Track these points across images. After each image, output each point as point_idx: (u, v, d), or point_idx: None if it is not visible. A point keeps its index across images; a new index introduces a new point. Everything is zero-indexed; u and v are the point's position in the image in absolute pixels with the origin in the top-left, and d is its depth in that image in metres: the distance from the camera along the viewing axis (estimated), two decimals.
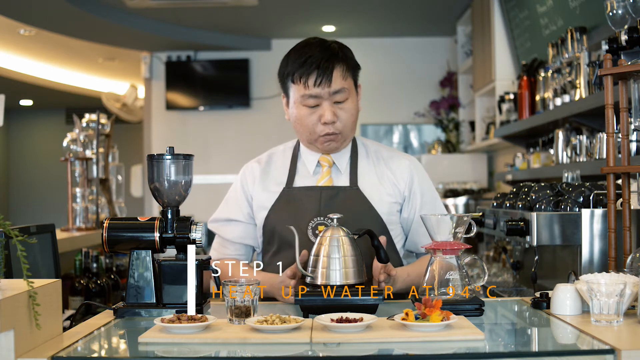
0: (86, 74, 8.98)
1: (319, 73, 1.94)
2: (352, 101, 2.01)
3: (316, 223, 1.99)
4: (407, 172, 2.10)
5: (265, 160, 2.16)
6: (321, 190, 2.03)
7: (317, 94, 1.96)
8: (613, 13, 2.42)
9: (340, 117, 1.99)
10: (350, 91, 2.00)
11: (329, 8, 6.06)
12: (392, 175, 2.09)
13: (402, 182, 2.09)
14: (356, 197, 2.02)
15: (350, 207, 1.99)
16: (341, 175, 2.08)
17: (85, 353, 1.38)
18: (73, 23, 6.13)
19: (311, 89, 1.95)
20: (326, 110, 1.96)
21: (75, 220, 3.62)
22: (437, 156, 6.18)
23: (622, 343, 1.33)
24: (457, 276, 1.65)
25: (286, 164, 2.12)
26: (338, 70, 1.96)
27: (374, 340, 1.39)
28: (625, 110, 1.86)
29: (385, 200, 2.05)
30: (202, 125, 7.29)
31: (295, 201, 2.03)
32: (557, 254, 2.38)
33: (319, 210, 2.00)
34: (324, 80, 1.94)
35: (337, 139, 2.02)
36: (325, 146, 2.04)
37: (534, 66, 4.02)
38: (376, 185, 2.06)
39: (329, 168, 2.08)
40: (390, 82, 7.16)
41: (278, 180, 2.09)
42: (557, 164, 3.42)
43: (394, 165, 2.11)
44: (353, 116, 2.02)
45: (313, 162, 2.09)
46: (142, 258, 1.71)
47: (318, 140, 2.02)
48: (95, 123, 3.66)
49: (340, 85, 1.96)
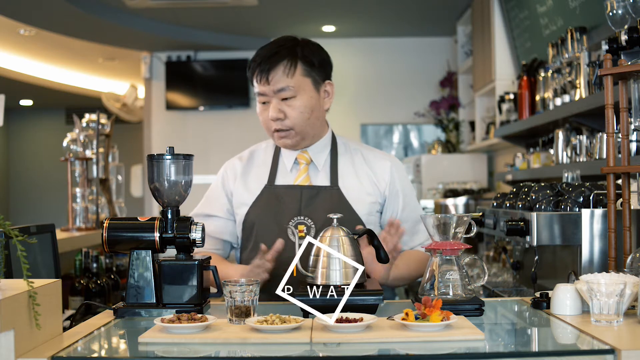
0: (86, 74, 8.99)
1: (259, 71, 2.01)
2: (303, 99, 2.03)
3: (296, 222, 2.02)
4: (389, 172, 2.12)
5: (247, 157, 2.19)
6: (302, 190, 2.06)
7: (263, 92, 2.03)
8: (613, 13, 2.42)
9: (288, 114, 2.02)
10: (300, 88, 2.02)
11: (329, 8, 6.06)
12: (373, 174, 2.11)
13: (383, 182, 2.11)
14: (336, 198, 2.05)
15: (329, 207, 2.01)
16: (319, 173, 2.10)
17: (85, 353, 1.38)
18: (73, 23, 6.13)
19: (258, 87, 2.04)
20: (270, 108, 2.02)
21: (75, 220, 3.62)
22: (437, 156, 6.18)
23: (622, 343, 1.33)
24: (457, 276, 1.65)
25: (267, 161, 2.15)
26: (279, 68, 2.00)
27: (374, 340, 1.39)
28: (625, 110, 1.86)
29: (365, 200, 2.07)
30: (202, 125, 7.29)
31: (276, 199, 2.06)
32: (557, 254, 2.38)
33: (299, 209, 2.03)
34: (263, 79, 2.00)
35: (289, 135, 2.05)
36: (280, 142, 2.08)
37: (534, 66, 4.02)
38: (356, 184, 2.09)
39: (307, 165, 2.11)
40: (390, 82, 7.16)
41: (259, 177, 2.13)
42: (557, 164, 3.42)
43: (375, 164, 2.13)
44: (304, 113, 2.03)
45: (291, 160, 2.12)
46: (142, 258, 1.71)
47: (274, 136, 2.08)
48: (95, 123, 3.66)
49: (283, 84, 2.00)
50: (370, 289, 1.65)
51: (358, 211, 2.04)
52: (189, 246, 1.72)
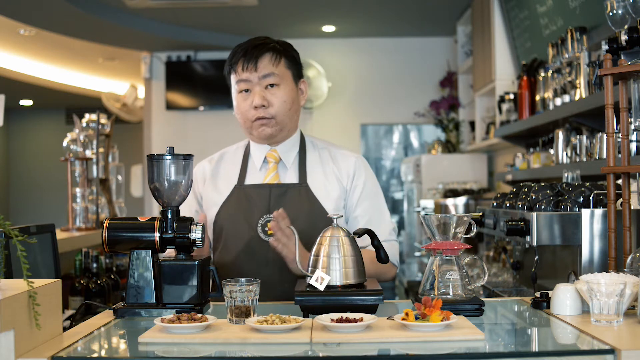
0: (86, 74, 8.98)
1: (245, 59, 2.04)
2: (286, 89, 2.07)
3: (265, 220, 2.04)
4: (352, 168, 2.14)
5: (217, 159, 2.23)
6: (271, 188, 2.08)
7: (247, 78, 2.05)
8: (613, 13, 2.42)
9: (271, 102, 2.05)
10: (284, 78, 2.07)
11: (329, 8, 6.06)
12: (338, 171, 2.14)
13: (345, 177, 2.13)
14: (304, 195, 2.07)
15: (298, 205, 2.04)
16: (288, 171, 2.12)
17: (85, 353, 1.38)
18: (73, 23, 6.13)
19: (241, 74, 2.06)
20: (255, 94, 2.05)
21: (75, 220, 3.62)
22: (437, 156, 6.17)
23: (622, 343, 1.33)
24: (457, 276, 1.65)
25: (237, 162, 2.18)
26: (267, 56, 2.05)
27: (374, 340, 1.39)
28: (625, 110, 1.86)
29: (331, 196, 2.09)
30: (202, 125, 7.29)
31: (246, 199, 2.08)
32: (557, 254, 2.38)
33: (269, 207, 2.05)
34: (250, 65, 2.04)
35: (269, 124, 2.07)
36: (260, 132, 2.09)
37: (534, 66, 4.02)
38: (323, 181, 2.11)
39: (275, 164, 2.13)
40: (390, 82, 7.16)
41: (228, 178, 2.15)
42: (557, 164, 3.42)
43: (341, 161, 2.16)
44: (287, 103, 2.07)
45: (260, 158, 2.14)
46: (142, 258, 1.71)
47: (253, 126, 2.08)
48: (95, 123, 3.66)
49: (268, 70, 2.04)
50: (370, 289, 1.65)
51: (326, 207, 2.06)
52: (189, 246, 1.72)
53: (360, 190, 2.13)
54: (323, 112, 7.13)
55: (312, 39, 6.94)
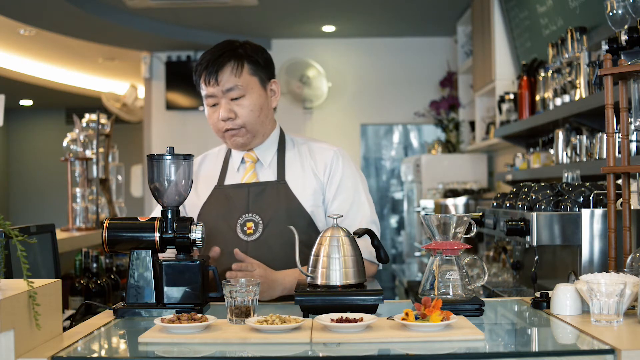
0: (86, 74, 8.98)
1: (207, 73, 2.03)
2: (252, 98, 2.05)
3: (244, 220, 2.04)
4: (329, 160, 2.12)
5: (199, 162, 2.24)
6: (249, 187, 2.08)
7: (212, 93, 2.05)
8: (613, 13, 2.42)
9: (238, 113, 2.04)
10: (248, 87, 2.05)
11: (329, 8, 6.06)
12: (315, 165, 2.12)
13: (322, 170, 2.11)
14: (282, 192, 2.06)
15: (276, 202, 2.04)
16: (266, 169, 2.12)
17: (85, 353, 1.38)
18: (73, 23, 6.13)
19: (205, 89, 2.05)
20: (220, 108, 2.04)
21: (75, 220, 3.62)
22: (437, 156, 6.17)
23: (622, 343, 1.33)
24: (457, 276, 1.65)
25: (219, 163, 2.19)
26: (227, 69, 2.03)
27: (374, 340, 1.39)
28: (625, 110, 1.86)
29: (308, 191, 2.08)
30: (202, 125, 7.27)
31: (225, 199, 2.09)
32: (557, 254, 2.38)
33: (247, 207, 2.05)
34: (211, 80, 2.02)
35: (239, 134, 2.07)
36: (233, 142, 2.09)
37: (534, 66, 4.01)
38: (300, 177, 2.10)
39: (253, 164, 2.13)
40: (390, 82, 7.16)
41: (208, 180, 2.16)
42: (557, 164, 3.42)
43: (318, 155, 2.14)
44: (254, 112, 2.06)
45: (238, 159, 2.15)
46: (142, 258, 1.71)
47: (225, 136, 2.09)
48: (95, 123, 3.66)
49: (232, 83, 2.03)
50: (370, 289, 1.65)
51: (304, 203, 2.05)
52: (189, 246, 1.72)
53: (337, 183, 2.10)
54: (323, 112, 7.13)
55: (312, 39, 6.93)
